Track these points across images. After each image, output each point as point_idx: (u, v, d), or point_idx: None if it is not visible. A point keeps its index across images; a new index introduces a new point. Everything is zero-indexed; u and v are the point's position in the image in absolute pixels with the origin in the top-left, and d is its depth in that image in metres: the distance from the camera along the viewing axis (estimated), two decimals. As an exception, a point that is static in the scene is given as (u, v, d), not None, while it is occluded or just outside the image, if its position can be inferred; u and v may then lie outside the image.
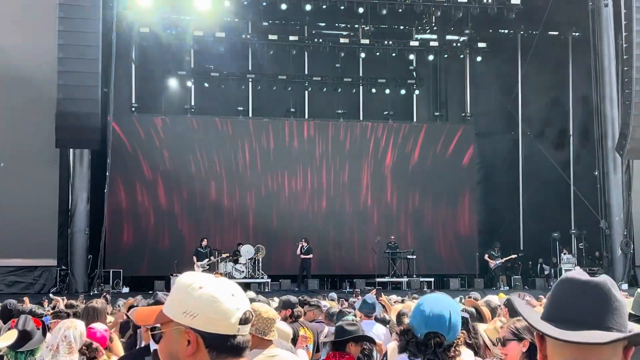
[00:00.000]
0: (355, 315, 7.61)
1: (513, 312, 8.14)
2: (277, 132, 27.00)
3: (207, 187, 26.32)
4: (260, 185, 26.61)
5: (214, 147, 26.40)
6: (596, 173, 25.05)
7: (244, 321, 2.14)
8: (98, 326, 5.20)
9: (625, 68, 22.70)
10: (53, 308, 11.02)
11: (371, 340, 6.06)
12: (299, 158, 26.97)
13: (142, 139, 25.93)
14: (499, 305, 7.61)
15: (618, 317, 1.86)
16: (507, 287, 24.29)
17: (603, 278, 1.91)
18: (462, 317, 6.04)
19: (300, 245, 24.35)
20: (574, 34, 27.97)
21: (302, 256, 24.30)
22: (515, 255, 26.00)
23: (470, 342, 5.35)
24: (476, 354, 4.99)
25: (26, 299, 11.73)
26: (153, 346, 3.84)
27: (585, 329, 1.82)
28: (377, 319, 8.24)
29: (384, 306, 10.07)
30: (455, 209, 27.72)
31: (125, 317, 8.22)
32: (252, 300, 6.19)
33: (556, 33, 28.19)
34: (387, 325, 8.05)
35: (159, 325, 2.19)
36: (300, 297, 10.82)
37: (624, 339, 1.84)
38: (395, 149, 27.53)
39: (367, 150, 27.41)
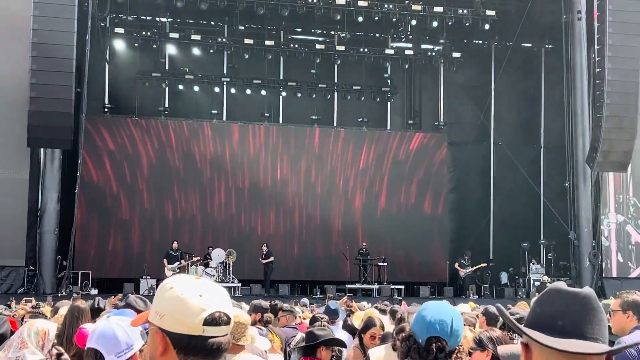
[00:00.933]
0: (327, 322, 7.61)
1: (490, 320, 8.22)
2: (250, 136, 26.95)
3: (180, 190, 26.19)
4: (232, 189, 26.54)
5: (187, 150, 26.29)
6: (566, 185, 25.30)
7: (210, 322, 2.08)
8: (89, 325, 5.15)
9: (597, 81, 22.96)
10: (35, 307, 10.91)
11: (342, 344, 6.08)
12: (272, 163, 26.94)
13: (114, 140, 25.76)
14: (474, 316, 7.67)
15: (603, 329, 1.90)
16: (477, 296, 24.45)
17: (589, 290, 1.95)
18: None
19: (264, 251, 24.36)
20: (547, 46, 28.31)
21: (264, 261, 24.27)
22: (485, 265, 26.16)
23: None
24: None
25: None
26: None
27: (573, 338, 1.85)
28: (345, 326, 8.25)
29: (353, 312, 10.08)
30: (427, 217, 27.83)
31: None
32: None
33: (529, 45, 28.51)
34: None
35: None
36: (272, 302, 10.81)
37: (612, 352, 1.87)
38: (369, 156, 27.60)
39: (341, 156, 27.44)
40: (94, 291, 22.38)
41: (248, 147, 26.78)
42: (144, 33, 26.14)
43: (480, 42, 28.93)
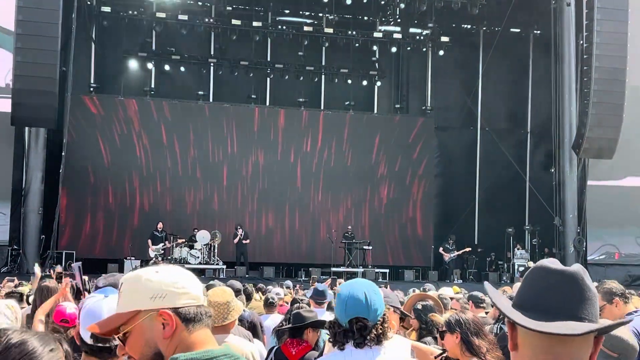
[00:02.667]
0: (308, 304, 7.59)
1: (478, 304, 8.26)
2: (237, 118, 26.84)
3: (165, 170, 26.08)
4: (219, 170, 26.45)
5: (173, 130, 26.15)
6: (552, 170, 25.38)
7: (204, 292, 2.26)
8: (67, 303, 5.12)
9: (585, 68, 23.00)
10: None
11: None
12: (259, 145, 26.84)
13: (100, 120, 25.57)
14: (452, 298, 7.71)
15: (591, 307, 1.85)
16: (461, 281, 24.53)
17: (577, 268, 1.89)
18: (425, 305, 6.14)
19: (239, 234, 24.22)
20: (535, 32, 28.30)
21: (245, 241, 24.16)
22: (470, 249, 26.24)
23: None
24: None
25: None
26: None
27: (559, 318, 1.81)
28: (330, 307, 8.24)
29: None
30: (412, 201, 27.87)
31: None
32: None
33: (518, 30, 28.49)
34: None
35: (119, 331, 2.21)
36: (244, 286, 10.75)
37: (596, 330, 1.83)
38: (356, 140, 27.55)
39: (328, 139, 27.37)
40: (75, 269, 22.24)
41: (234, 129, 26.64)
42: (130, 12, 25.91)
43: (469, 26, 28.87)
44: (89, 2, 25.22)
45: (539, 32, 28.02)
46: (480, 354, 4.35)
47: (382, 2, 25.95)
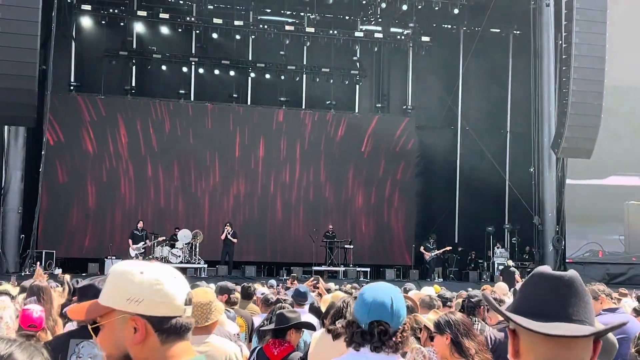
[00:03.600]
0: (292, 304, 7.62)
1: (445, 303, 8.31)
2: (218, 117, 26.81)
3: (146, 169, 26.00)
4: (199, 169, 26.40)
5: (154, 129, 26.08)
6: (531, 170, 25.57)
7: (188, 302, 2.16)
8: (33, 307, 5.09)
9: (564, 68, 23.18)
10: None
11: (312, 327, 6.09)
12: (240, 144, 26.82)
13: (80, 118, 25.43)
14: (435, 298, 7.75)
15: (589, 311, 1.91)
16: (442, 279, 24.67)
17: (574, 273, 1.95)
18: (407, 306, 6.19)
19: (227, 230, 24.16)
20: (515, 32, 28.47)
21: (233, 239, 24.10)
22: (450, 248, 26.37)
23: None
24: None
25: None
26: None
27: (559, 322, 1.86)
28: (312, 308, 8.27)
29: (320, 295, 10.10)
30: (393, 200, 27.96)
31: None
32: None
33: (498, 30, 28.66)
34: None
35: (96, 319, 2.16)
36: (245, 285, 10.76)
37: (600, 333, 1.87)
38: (336, 139, 27.61)
39: (308, 139, 27.42)
40: (58, 270, 22.15)
41: (215, 128, 26.61)
42: (111, 10, 25.79)
43: (450, 26, 29.01)
44: (68, 0, 25.07)
45: (518, 32, 28.20)
46: (469, 355, 4.39)
47: (364, 2, 26.03)
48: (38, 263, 14.49)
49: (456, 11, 26.25)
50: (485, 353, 4.44)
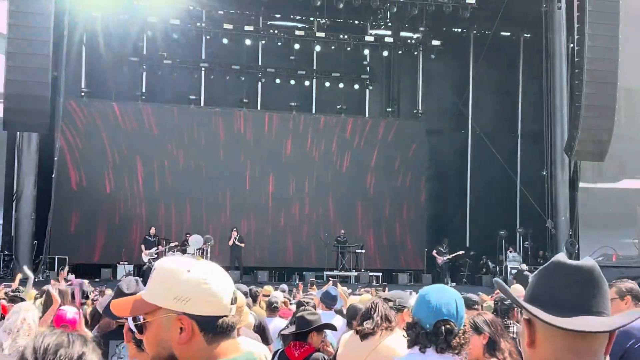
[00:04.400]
0: (314, 307, 7.58)
1: (470, 306, 8.23)
2: (228, 122, 26.82)
3: (157, 175, 26.01)
4: (210, 174, 26.39)
5: (165, 135, 26.09)
6: (544, 173, 25.46)
7: (234, 301, 2.11)
8: (68, 308, 5.09)
9: (576, 70, 23.09)
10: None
11: (333, 328, 6.08)
12: (250, 149, 26.81)
13: (91, 124, 25.47)
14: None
15: (607, 301, 1.87)
16: (454, 283, 24.56)
17: (592, 262, 1.90)
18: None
19: (233, 236, 24.20)
20: (525, 35, 28.41)
21: (239, 244, 24.13)
22: (463, 252, 26.27)
23: None
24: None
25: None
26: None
27: (577, 313, 1.82)
28: (336, 311, 8.24)
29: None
30: (405, 204, 27.89)
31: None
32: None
33: (508, 34, 28.60)
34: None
35: (140, 316, 2.11)
36: (251, 288, 10.74)
37: (621, 326, 1.84)
38: (347, 143, 27.58)
39: (319, 143, 27.39)
40: (71, 276, 22.16)
41: (226, 133, 26.61)
42: (122, 17, 25.84)
43: (460, 30, 28.97)
44: (80, 7, 25.13)
45: (529, 35, 28.13)
46: (504, 356, 4.34)
47: (374, 6, 25.98)
48: (66, 269, 14.65)
49: (467, 15, 26.19)
50: (517, 355, 4.39)
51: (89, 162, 25.35)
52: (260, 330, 7.38)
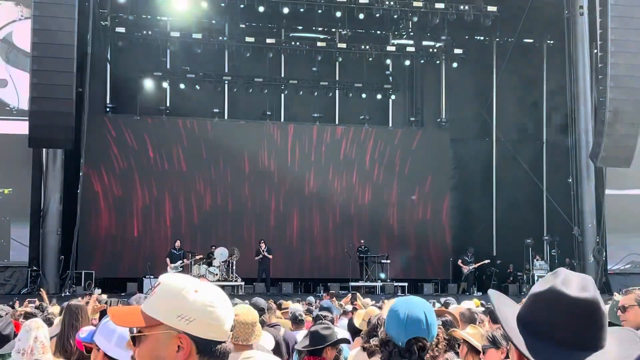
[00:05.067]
0: (332, 321, 7.58)
1: (495, 319, 8.16)
2: (253, 135, 26.91)
3: (182, 189, 26.16)
4: (235, 187, 26.49)
5: (190, 149, 26.25)
6: (570, 180, 25.25)
7: (233, 328, 2.13)
8: (87, 328, 5.11)
9: (600, 76, 22.92)
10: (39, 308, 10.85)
11: (347, 342, 6.08)
12: (275, 161, 26.88)
13: (116, 140, 25.71)
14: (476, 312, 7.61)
15: (605, 333, 1.82)
16: (480, 293, 24.38)
17: (592, 293, 1.81)
18: (444, 320, 6.11)
19: (262, 248, 24.27)
20: (548, 42, 28.25)
21: (268, 255, 24.19)
22: (488, 261, 26.10)
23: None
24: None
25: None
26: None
27: (577, 349, 1.77)
28: (350, 325, 8.20)
29: (357, 309, 10.03)
30: (429, 214, 27.78)
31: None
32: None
33: (531, 41, 28.46)
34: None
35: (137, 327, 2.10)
36: (273, 301, 10.74)
37: None
38: (371, 154, 27.54)
39: (342, 154, 27.40)
40: (98, 291, 22.33)
41: (250, 146, 26.69)
42: (145, 32, 26.08)
43: (482, 38, 28.88)
44: (103, 23, 25.44)
45: (552, 42, 27.96)
46: None
47: (395, 16, 25.99)
48: (42, 290, 14.85)
49: (488, 23, 26.11)
50: None
51: (114, 176, 25.54)
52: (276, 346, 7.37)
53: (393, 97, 29.08)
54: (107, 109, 26.74)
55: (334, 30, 27.71)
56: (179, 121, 26.60)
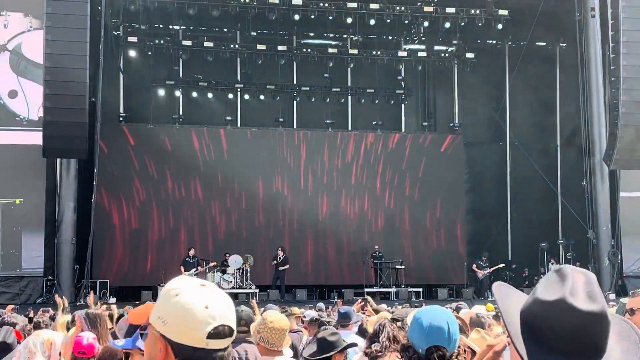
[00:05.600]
0: (336, 327, 7.58)
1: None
2: (266, 142, 26.96)
3: (196, 197, 26.23)
4: (249, 195, 26.53)
5: (202, 157, 26.33)
6: (584, 183, 25.13)
7: (214, 335, 2.03)
8: (85, 334, 5.15)
9: (613, 79, 22.81)
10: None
11: (354, 346, 6.08)
12: (288, 168, 26.93)
13: (129, 149, 25.82)
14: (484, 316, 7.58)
15: (608, 338, 1.80)
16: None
17: (602, 305, 1.77)
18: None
19: (279, 255, 24.33)
20: (561, 44, 28.13)
21: (281, 268, 24.28)
22: (503, 265, 26.02)
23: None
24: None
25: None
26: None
27: (580, 358, 1.76)
28: (360, 330, 8.19)
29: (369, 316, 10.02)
30: (443, 218, 27.72)
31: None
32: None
33: (544, 44, 28.37)
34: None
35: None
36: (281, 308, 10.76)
37: None
38: (384, 159, 27.52)
39: (356, 160, 27.39)
40: (112, 300, 22.43)
41: (263, 153, 26.75)
42: (157, 41, 26.22)
43: (494, 42, 28.82)
44: (115, 33, 25.61)
45: (564, 44, 27.84)
46: None
47: (406, 21, 25.98)
48: (92, 292, 14.77)
49: (500, 26, 26.06)
50: None
51: (128, 185, 25.66)
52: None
53: (405, 102, 29.07)
54: (120, 118, 26.89)
55: (345, 36, 27.77)
56: (191, 129, 26.67)
